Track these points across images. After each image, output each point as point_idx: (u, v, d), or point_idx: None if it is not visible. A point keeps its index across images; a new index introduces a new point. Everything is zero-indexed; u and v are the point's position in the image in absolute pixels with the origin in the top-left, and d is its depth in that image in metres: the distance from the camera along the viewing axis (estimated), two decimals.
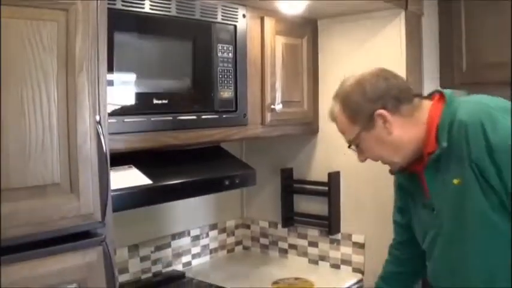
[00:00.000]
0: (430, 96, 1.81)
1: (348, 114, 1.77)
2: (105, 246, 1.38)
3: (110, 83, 1.79)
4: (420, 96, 1.83)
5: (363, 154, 1.83)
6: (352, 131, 1.77)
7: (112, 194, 1.61)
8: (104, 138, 1.39)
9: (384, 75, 1.77)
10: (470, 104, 1.68)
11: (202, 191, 2.27)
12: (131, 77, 1.94)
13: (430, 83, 2.69)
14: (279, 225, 3.02)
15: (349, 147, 1.84)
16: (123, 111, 1.90)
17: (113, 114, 1.81)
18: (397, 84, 1.76)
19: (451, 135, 1.65)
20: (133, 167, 1.99)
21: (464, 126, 1.61)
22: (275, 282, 2.64)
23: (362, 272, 2.74)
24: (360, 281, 2.73)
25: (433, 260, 1.87)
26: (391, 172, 1.92)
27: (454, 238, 1.73)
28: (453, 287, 1.80)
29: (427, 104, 1.76)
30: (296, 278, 2.69)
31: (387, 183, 2.40)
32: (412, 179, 1.87)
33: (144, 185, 1.95)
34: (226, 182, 2.23)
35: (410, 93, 1.78)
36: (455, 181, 1.65)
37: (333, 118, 1.84)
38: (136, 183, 1.94)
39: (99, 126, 1.40)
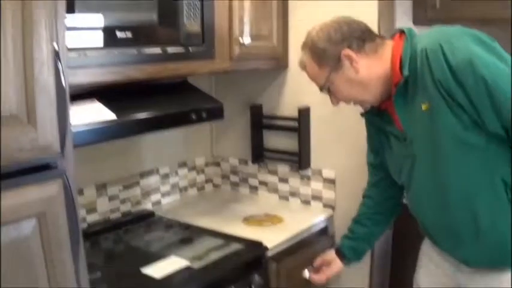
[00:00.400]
0: (392, 37, 1.86)
1: (316, 60, 1.85)
2: (66, 179, 1.33)
3: (71, 15, 1.70)
4: (382, 37, 1.91)
5: (335, 97, 1.91)
6: (322, 76, 1.85)
7: (75, 129, 1.56)
8: (62, 67, 1.33)
9: (345, 20, 1.86)
10: (430, 34, 1.73)
11: (168, 125, 2.20)
12: (93, 9, 1.84)
13: (401, 18, 2.64)
14: (249, 162, 2.99)
15: (321, 91, 1.91)
16: (85, 45, 1.82)
17: (74, 48, 1.74)
18: (358, 27, 1.85)
19: (415, 64, 1.69)
20: (96, 101, 1.93)
21: (425, 52, 1.65)
22: (245, 219, 2.63)
23: (333, 208, 2.74)
24: (331, 216, 2.73)
25: (412, 190, 1.91)
26: (362, 114, 2.02)
27: (429, 164, 1.77)
28: (434, 213, 1.85)
29: (389, 43, 1.83)
30: (266, 214, 2.69)
31: (358, 118, 2.37)
32: (382, 115, 1.92)
33: (108, 119, 1.90)
34: (193, 116, 2.18)
35: (373, 34, 1.87)
36: (423, 106, 1.69)
37: (303, 67, 1.93)
38: (100, 117, 1.88)
39: (57, 57, 1.33)
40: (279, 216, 2.66)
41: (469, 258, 1.86)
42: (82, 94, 1.92)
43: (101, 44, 1.86)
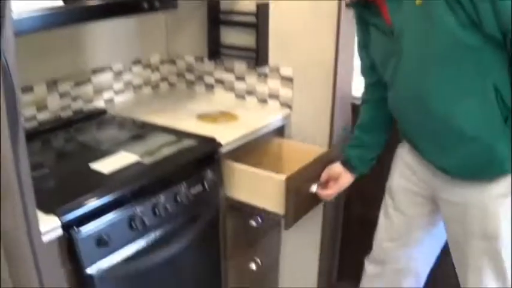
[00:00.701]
0: None
1: None
2: (4, 59, 1.25)
3: None
4: None
5: None
6: None
7: (21, 15, 1.56)
8: None
9: None
10: None
11: (118, 13, 2.08)
12: None
13: None
14: (205, 60, 2.90)
15: None
16: None
17: None
18: None
19: None
20: None
21: None
22: (199, 116, 2.56)
23: (290, 107, 2.68)
24: (288, 115, 2.68)
25: (395, 89, 1.85)
26: (347, 4, 1.95)
27: (417, 62, 1.70)
28: (417, 116, 1.80)
29: None
30: (221, 112, 2.62)
31: (318, 15, 2.30)
32: (370, 7, 1.82)
33: (55, 6, 1.79)
34: (145, 5, 2.07)
35: None
36: (417, 1, 1.60)
37: None
38: (47, 3, 1.77)
39: None
40: (234, 114, 2.60)
41: (450, 166, 1.83)
42: None
43: None
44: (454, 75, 1.64)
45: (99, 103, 2.73)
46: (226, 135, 2.32)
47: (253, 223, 2.52)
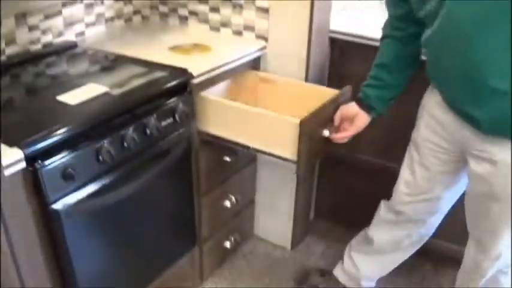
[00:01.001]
0: None
1: None
2: None
3: None
4: None
5: None
6: None
7: None
8: None
9: None
10: None
11: None
12: None
13: None
14: None
15: None
16: None
17: None
18: None
19: None
20: None
21: None
22: (172, 48, 2.49)
23: (266, 39, 2.61)
24: (263, 47, 2.61)
25: (437, 26, 1.69)
26: None
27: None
28: (456, 59, 1.67)
29: None
30: (195, 44, 2.55)
31: None
32: None
33: None
34: None
35: None
36: None
37: None
38: None
39: None
40: (208, 46, 2.52)
41: (480, 118, 1.71)
42: None
43: None
44: (503, 23, 1.51)
45: (70, 36, 2.64)
46: (199, 66, 2.26)
47: (227, 159, 2.48)
